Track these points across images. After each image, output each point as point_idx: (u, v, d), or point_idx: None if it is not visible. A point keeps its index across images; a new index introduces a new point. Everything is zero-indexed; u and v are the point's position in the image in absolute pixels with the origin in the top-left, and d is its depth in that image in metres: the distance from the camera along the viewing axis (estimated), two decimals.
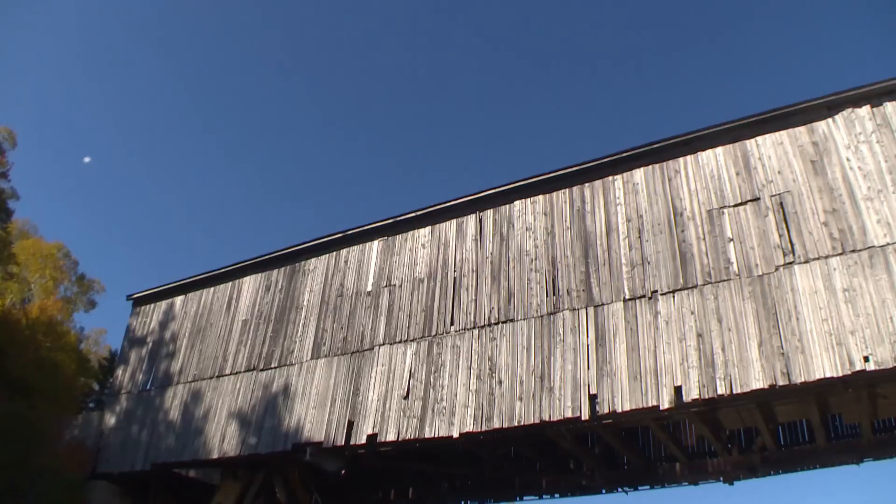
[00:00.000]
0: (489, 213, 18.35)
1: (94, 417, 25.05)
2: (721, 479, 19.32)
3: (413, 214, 19.51)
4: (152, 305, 24.98)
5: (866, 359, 12.19)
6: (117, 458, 22.60)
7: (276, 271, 21.91)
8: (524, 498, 23.38)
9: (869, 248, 13.03)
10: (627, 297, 15.19)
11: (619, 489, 20.87)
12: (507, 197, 18.19)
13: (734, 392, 13.18)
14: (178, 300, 24.22)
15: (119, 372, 24.81)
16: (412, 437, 16.62)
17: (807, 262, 13.50)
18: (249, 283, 22.39)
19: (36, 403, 26.33)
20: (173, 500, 23.71)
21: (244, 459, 20.07)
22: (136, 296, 25.58)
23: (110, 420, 23.63)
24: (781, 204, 14.33)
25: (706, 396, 13.42)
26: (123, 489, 22.79)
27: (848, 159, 14.04)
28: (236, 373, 20.97)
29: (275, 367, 20.12)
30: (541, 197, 17.63)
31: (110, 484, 22.62)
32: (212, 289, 23.41)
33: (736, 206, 14.84)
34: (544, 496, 22.18)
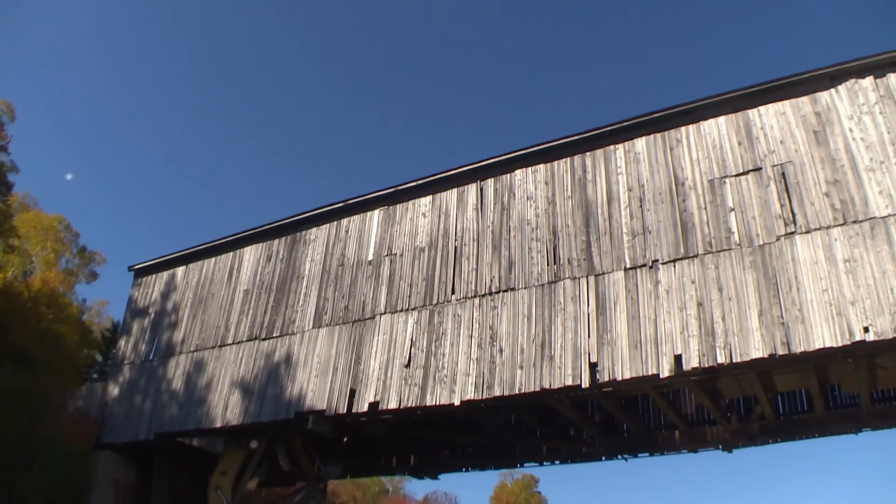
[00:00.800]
0: (490, 182, 18.31)
1: (98, 388, 25.20)
2: (720, 447, 19.50)
3: (414, 184, 19.47)
4: (154, 276, 25.04)
5: (866, 329, 12.23)
6: (121, 428, 22.77)
7: (277, 241, 21.93)
8: (525, 464, 23.64)
9: (870, 219, 13.01)
10: (628, 265, 15.22)
11: (619, 456, 21.06)
12: (509, 166, 18.14)
13: (734, 361, 13.24)
14: (180, 271, 24.27)
15: (122, 343, 24.92)
16: (413, 404, 16.74)
17: (808, 232, 13.50)
18: (250, 254, 22.42)
19: (39, 375, 26.53)
20: (177, 468, 23.94)
21: (247, 428, 20.23)
22: (137, 267, 25.62)
23: (114, 391, 23.77)
24: (783, 174, 14.30)
25: (706, 365, 13.50)
26: (128, 459, 22.95)
27: (850, 130, 13.98)
28: (238, 342, 21.08)
29: (277, 337, 20.21)
30: (542, 166, 17.59)
31: (114, 454, 22.78)
32: (213, 259, 23.44)
33: (738, 175, 14.81)
34: (545, 463, 22.41)
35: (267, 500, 26.05)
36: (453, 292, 17.46)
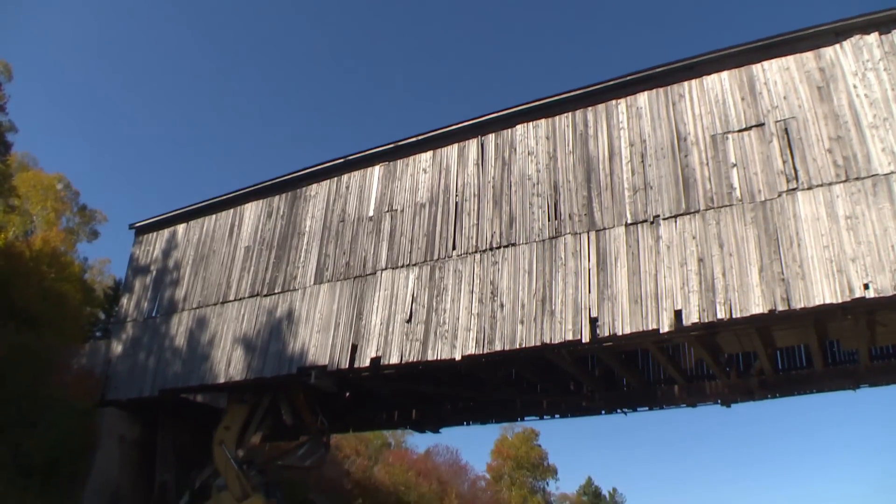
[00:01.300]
0: (491, 137, 18.21)
1: (101, 346, 25.36)
2: (718, 401, 19.63)
3: (414, 139, 19.35)
4: (155, 234, 25.04)
5: (866, 286, 12.24)
6: (125, 385, 22.97)
7: (277, 198, 21.88)
8: (525, 418, 23.85)
9: (873, 175, 12.95)
10: (629, 221, 15.20)
11: (619, 410, 21.25)
12: (510, 121, 18.01)
13: (734, 316, 13.29)
14: (181, 228, 24.26)
15: (124, 300, 25.02)
16: (415, 359, 16.86)
17: (810, 188, 13.45)
18: (251, 210, 22.39)
19: (42, 334, 26.63)
20: (182, 424, 24.21)
21: (250, 383, 20.41)
22: (138, 225, 25.61)
23: (117, 348, 23.93)
24: (786, 130, 14.20)
25: (706, 320, 13.55)
26: (132, 415, 23.19)
27: (854, 86, 13.84)
28: (240, 299, 21.16)
29: (278, 293, 20.29)
30: (543, 121, 17.47)
31: (119, 410, 23.02)
32: (213, 216, 23.42)
33: (740, 131, 14.71)
34: (545, 417, 22.62)
35: (271, 453, 26.36)
36: (454, 248, 17.47)
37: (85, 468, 21.54)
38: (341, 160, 20.52)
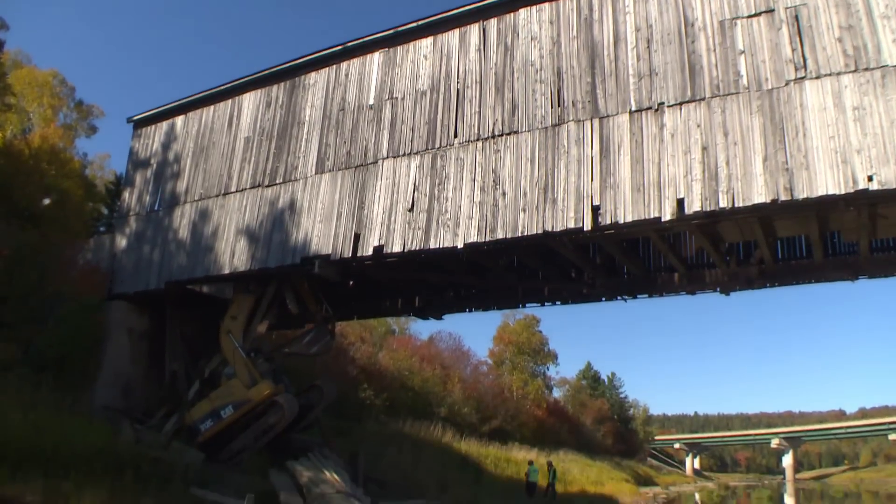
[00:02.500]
0: (493, 22, 17.71)
1: (106, 241, 25.52)
2: (718, 289, 19.82)
3: (414, 25, 18.80)
4: (153, 127, 24.75)
5: (870, 178, 12.13)
6: (131, 278, 23.24)
7: (275, 87, 21.50)
8: (526, 305, 24.24)
9: (882, 67, 12.61)
10: (633, 108, 14.96)
11: (619, 297, 21.53)
12: (513, 5, 17.43)
13: (736, 206, 13.26)
14: (179, 120, 23.97)
15: (126, 195, 25.00)
16: (417, 248, 16.97)
17: (818, 77, 13.15)
18: (250, 100, 22.04)
19: (46, 231, 26.77)
20: (189, 315, 24.61)
21: (255, 274, 20.65)
22: (136, 118, 25.29)
23: (121, 242, 24.08)
24: (796, 17, 13.76)
25: (708, 209, 13.53)
26: (140, 308, 23.56)
27: None
28: (242, 190, 21.13)
29: (280, 184, 20.24)
30: (547, 5, 16.93)
31: (127, 303, 23.36)
32: (212, 107, 23.09)
33: (749, 17, 14.25)
34: (546, 303, 22.95)
35: (277, 342, 26.91)
36: (456, 136, 17.30)
37: (96, 361, 22.08)
38: (340, 47, 20.04)
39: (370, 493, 20.92)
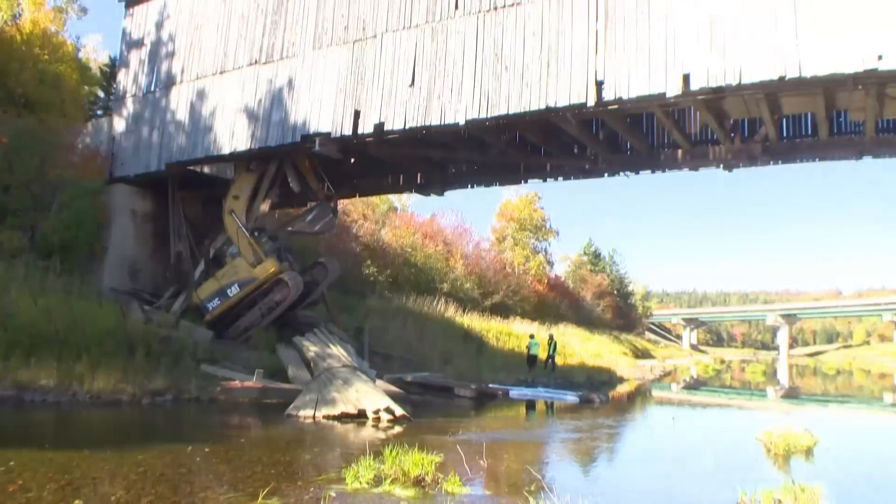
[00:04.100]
0: None
1: (104, 123, 25.23)
2: (721, 165, 19.67)
3: None
4: (146, 5, 23.92)
5: (880, 57, 11.83)
6: (131, 161, 23.13)
7: None
8: (528, 181, 24.16)
9: None
10: None
11: (622, 173, 21.41)
12: None
13: (742, 82, 12.99)
14: None
15: (121, 76, 24.54)
16: (418, 124, 16.78)
17: None
18: None
19: (44, 117, 26.50)
20: (191, 195, 24.65)
21: (255, 153, 20.53)
22: None
23: (120, 125, 23.81)
24: None
25: (714, 85, 13.30)
26: (142, 190, 23.61)
27: None
28: (238, 68, 20.68)
29: (277, 61, 19.79)
30: None
31: (129, 186, 23.39)
32: None
33: None
34: (548, 179, 22.87)
35: (281, 220, 27.05)
36: (456, 8, 16.72)
37: (102, 245, 22.34)
38: None
39: (375, 366, 21.51)
